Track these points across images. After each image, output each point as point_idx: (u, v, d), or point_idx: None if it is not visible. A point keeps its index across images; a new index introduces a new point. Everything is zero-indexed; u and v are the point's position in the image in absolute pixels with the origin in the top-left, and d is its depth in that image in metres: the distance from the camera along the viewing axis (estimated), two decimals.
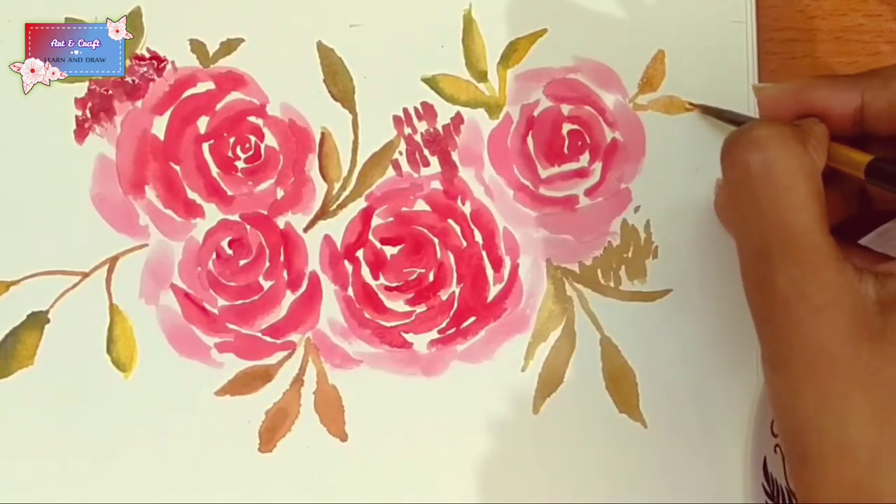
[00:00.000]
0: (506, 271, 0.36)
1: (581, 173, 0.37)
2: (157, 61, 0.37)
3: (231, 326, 0.36)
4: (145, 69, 0.37)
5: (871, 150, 0.30)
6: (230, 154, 0.37)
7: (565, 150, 0.37)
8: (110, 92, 0.37)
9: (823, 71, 0.37)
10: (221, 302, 0.36)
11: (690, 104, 0.36)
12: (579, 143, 0.37)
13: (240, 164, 0.37)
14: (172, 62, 0.37)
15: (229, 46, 0.37)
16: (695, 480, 0.36)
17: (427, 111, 0.37)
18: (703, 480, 0.36)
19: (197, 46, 0.37)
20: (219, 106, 0.37)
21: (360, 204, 0.37)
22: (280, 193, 0.37)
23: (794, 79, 0.32)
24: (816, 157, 0.28)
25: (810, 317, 0.26)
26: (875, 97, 0.29)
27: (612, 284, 0.36)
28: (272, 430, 0.36)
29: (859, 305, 0.26)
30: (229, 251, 0.37)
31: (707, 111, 0.36)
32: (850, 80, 0.30)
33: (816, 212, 0.27)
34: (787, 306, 0.27)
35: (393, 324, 0.36)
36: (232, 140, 0.37)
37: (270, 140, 0.37)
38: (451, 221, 0.37)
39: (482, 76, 0.37)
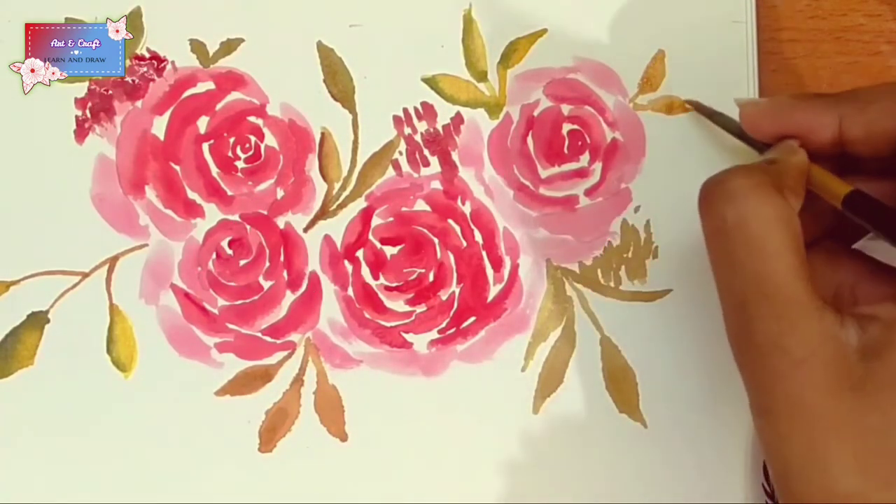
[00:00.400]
0: (506, 271, 0.36)
1: (581, 173, 0.37)
2: (157, 61, 0.37)
3: (231, 326, 0.36)
4: (145, 69, 0.37)
5: (859, 170, 0.30)
6: (230, 154, 0.37)
7: (565, 150, 0.37)
8: (110, 92, 0.37)
9: (824, 71, 0.37)
10: (221, 302, 0.36)
11: (688, 102, 0.36)
12: (579, 143, 0.37)
13: (240, 164, 0.37)
14: (172, 62, 0.37)
15: (229, 46, 0.37)
16: (695, 480, 0.36)
17: (427, 111, 0.37)
18: (703, 480, 0.36)
19: (197, 46, 0.37)
20: (219, 106, 0.37)
21: (360, 204, 0.37)
22: (280, 193, 0.37)
23: (776, 96, 0.32)
24: (793, 198, 0.28)
25: (790, 369, 0.26)
26: (852, 123, 0.29)
27: (612, 284, 0.36)
28: (272, 430, 0.36)
29: (840, 354, 0.26)
30: (229, 251, 0.37)
31: (700, 110, 0.36)
32: (829, 103, 0.30)
33: (793, 262, 0.27)
34: (766, 359, 0.27)
35: (393, 324, 0.36)
36: (232, 140, 0.37)
37: (270, 140, 0.37)
38: (451, 221, 0.37)
39: (482, 76, 0.37)
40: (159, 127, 0.37)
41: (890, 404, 0.26)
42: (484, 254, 0.37)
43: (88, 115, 0.37)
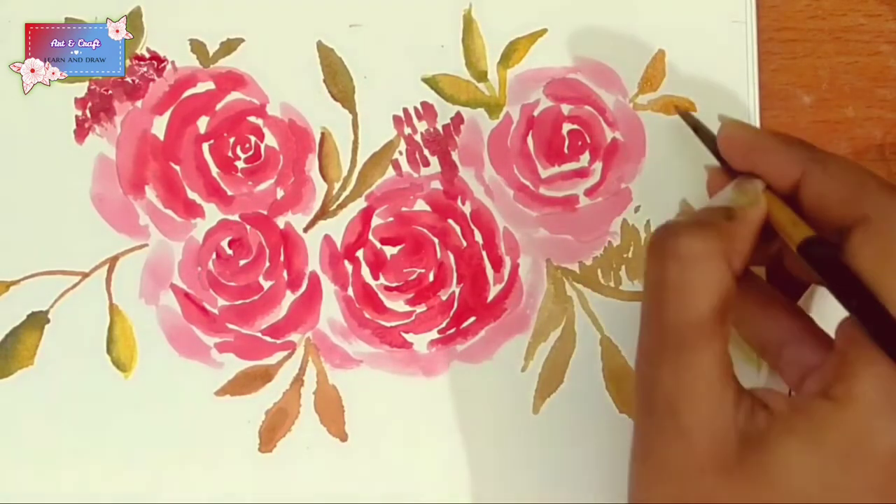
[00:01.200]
0: (506, 271, 0.36)
1: (581, 173, 0.37)
2: (157, 61, 0.37)
3: (231, 326, 0.36)
4: (145, 69, 0.37)
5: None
6: (230, 154, 0.37)
7: (565, 150, 0.37)
8: (110, 92, 0.37)
9: (824, 71, 0.37)
10: (221, 302, 0.36)
11: (677, 108, 0.36)
12: (579, 143, 0.37)
13: (240, 164, 0.37)
14: (172, 62, 0.37)
15: (229, 46, 0.37)
16: None
17: (427, 111, 0.37)
18: None
19: (197, 46, 0.37)
20: (219, 106, 0.37)
21: (360, 204, 0.37)
22: (280, 193, 0.37)
23: (756, 129, 0.32)
24: (740, 262, 0.28)
25: (674, 433, 0.27)
26: (812, 184, 0.29)
27: (612, 284, 0.36)
28: (272, 430, 0.36)
29: (722, 433, 0.27)
30: (229, 251, 0.37)
31: (686, 119, 0.35)
32: (796, 154, 0.30)
33: (713, 334, 0.27)
34: (657, 415, 0.28)
35: (393, 324, 0.36)
36: (232, 140, 0.37)
37: (270, 140, 0.37)
38: (451, 221, 0.37)
39: (482, 76, 0.37)
40: (159, 127, 0.37)
41: (748, 495, 0.27)
42: (484, 254, 0.37)
43: (88, 115, 0.37)
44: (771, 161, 0.30)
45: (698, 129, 0.34)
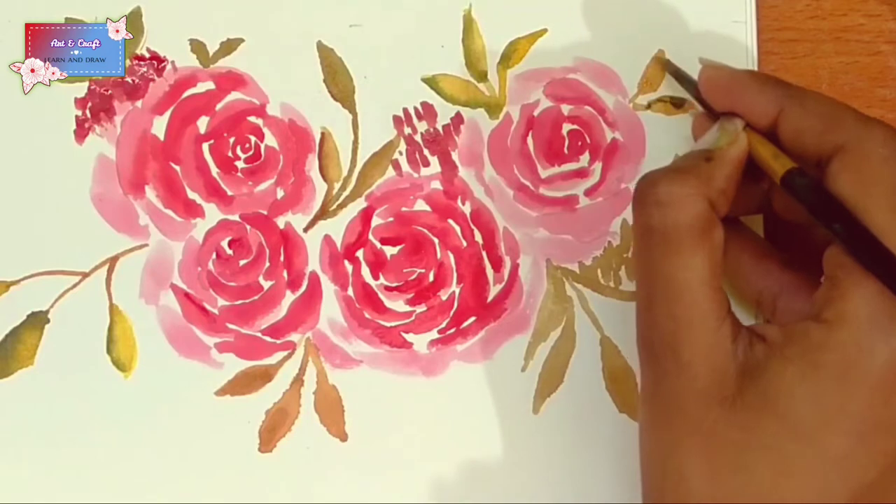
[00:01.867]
0: (506, 271, 0.36)
1: (581, 173, 0.37)
2: (157, 61, 0.37)
3: (231, 326, 0.36)
4: (145, 69, 0.37)
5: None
6: (230, 154, 0.37)
7: (565, 150, 0.37)
8: (110, 92, 0.37)
9: (824, 71, 0.37)
10: (221, 302, 0.36)
11: (658, 59, 0.36)
12: (579, 143, 0.37)
13: (240, 164, 0.37)
14: (172, 62, 0.37)
15: (229, 46, 0.37)
16: None
17: (427, 111, 0.37)
18: None
19: (197, 46, 0.37)
20: (219, 106, 0.37)
21: (360, 204, 0.37)
22: (280, 193, 0.37)
23: (735, 70, 0.32)
24: (723, 200, 0.29)
25: (675, 370, 0.28)
26: (789, 120, 0.30)
27: (612, 284, 0.36)
28: (272, 430, 0.36)
29: (722, 367, 0.28)
30: (229, 251, 0.37)
31: (668, 68, 0.36)
32: (773, 90, 0.30)
33: (703, 271, 0.28)
34: (658, 357, 0.28)
35: (393, 324, 0.36)
36: (232, 140, 0.37)
37: (270, 140, 0.37)
38: (451, 221, 0.37)
39: (482, 76, 0.37)
40: (159, 127, 0.37)
41: (751, 424, 0.27)
42: (484, 254, 0.37)
43: (88, 115, 0.37)
44: (749, 99, 0.31)
45: (679, 76, 0.35)
